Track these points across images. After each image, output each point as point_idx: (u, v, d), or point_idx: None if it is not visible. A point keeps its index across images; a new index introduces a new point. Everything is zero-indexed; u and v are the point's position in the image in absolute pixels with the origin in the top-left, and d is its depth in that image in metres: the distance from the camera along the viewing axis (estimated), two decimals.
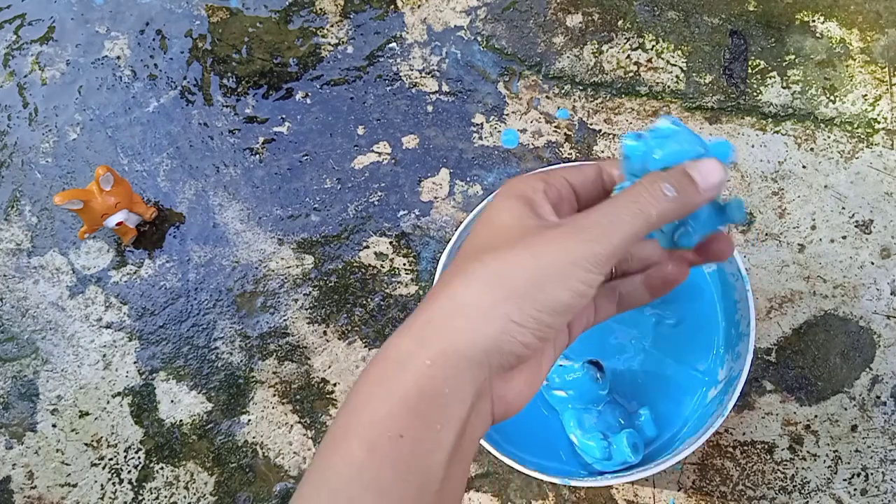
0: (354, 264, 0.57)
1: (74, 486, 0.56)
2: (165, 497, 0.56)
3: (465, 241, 0.31)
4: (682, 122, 0.30)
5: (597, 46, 0.58)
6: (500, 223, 0.30)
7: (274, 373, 0.56)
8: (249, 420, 0.56)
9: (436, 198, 0.57)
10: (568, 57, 0.57)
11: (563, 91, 0.57)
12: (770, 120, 0.56)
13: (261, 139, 0.58)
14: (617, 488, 0.53)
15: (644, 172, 0.30)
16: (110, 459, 0.56)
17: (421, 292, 0.56)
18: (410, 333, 0.29)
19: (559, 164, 0.49)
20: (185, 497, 0.56)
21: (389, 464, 0.27)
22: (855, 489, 0.53)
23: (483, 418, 0.30)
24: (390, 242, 0.57)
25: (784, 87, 0.57)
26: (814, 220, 0.56)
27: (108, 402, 0.57)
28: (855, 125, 0.56)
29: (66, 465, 0.56)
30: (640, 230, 0.28)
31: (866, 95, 0.57)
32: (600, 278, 0.28)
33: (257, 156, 0.58)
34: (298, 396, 0.55)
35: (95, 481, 0.56)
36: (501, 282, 0.28)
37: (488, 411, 0.30)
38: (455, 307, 0.28)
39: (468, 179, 0.56)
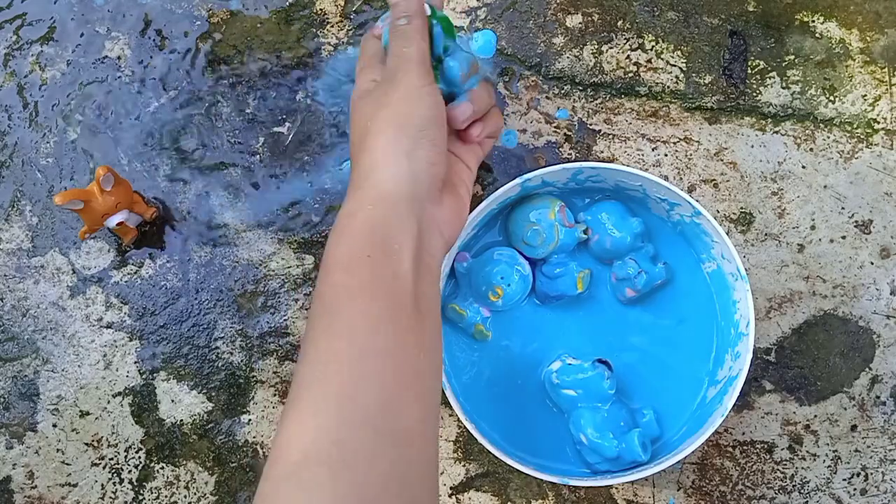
0: None
1: (75, 485, 0.56)
2: (166, 497, 0.56)
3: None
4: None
5: (596, 47, 0.58)
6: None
7: (274, 372, 0.56)
8: (250, 420, 0.56)
9: None
10: (568, 57, 0.58)
11: (562, 91, 0.57)
12: (769, 120, 0.56)
13: (261, 139, 0.58)
14: (616, 488, 0.53)
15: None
16: (111, 459, 0.56)
17: None
18: (353, 194, 0.39)
19: (558, 164, 0.49)
20: (185, 497, 0.56)
21: (366, 273, 0.36)
22: (854, 489, 0.53)
23: (435, 239, 0.40)
24: None
25: (784, 88, 0.57)
26: (813, 220, 0.56)
27: (108, 402, 0.57)
28: (854, 125, 0.56)
29: (67, 464, 0.57)
30: (412, 43, 0.41)
31: (866, 96, 0.57)
32: (428, 81, 0.41)
33: (257, 156, 0.58)
34: None
35: (96, 481, 0.56)
36: (393, 129, 0.39)
37: (437, 233, 0.40)
38: (373, 161, 0.39)
39: None
